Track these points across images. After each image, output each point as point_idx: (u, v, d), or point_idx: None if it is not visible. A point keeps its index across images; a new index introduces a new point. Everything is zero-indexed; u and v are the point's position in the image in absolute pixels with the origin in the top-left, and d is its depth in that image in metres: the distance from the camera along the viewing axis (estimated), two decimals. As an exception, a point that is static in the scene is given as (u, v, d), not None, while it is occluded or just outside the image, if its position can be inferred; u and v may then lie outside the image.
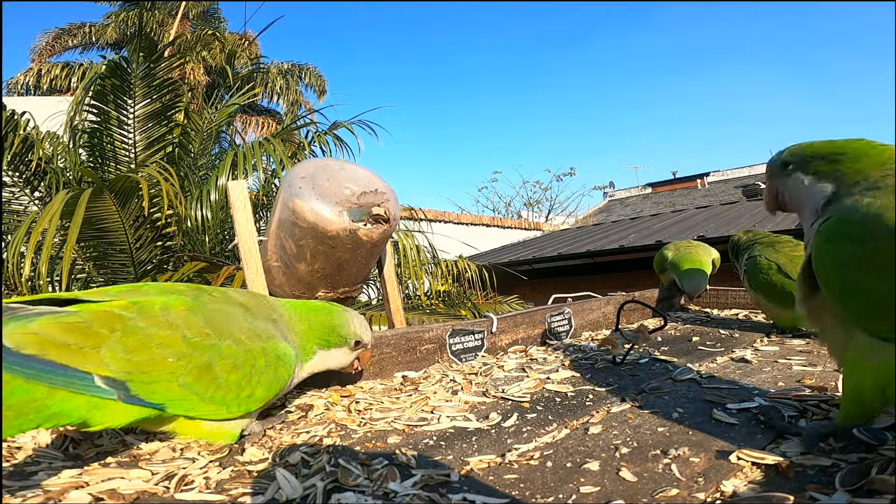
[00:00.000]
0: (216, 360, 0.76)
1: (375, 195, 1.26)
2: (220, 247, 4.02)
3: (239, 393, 0.78)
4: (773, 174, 0.89)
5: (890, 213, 0.64)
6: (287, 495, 0.62)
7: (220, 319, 0.80)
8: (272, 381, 0.82)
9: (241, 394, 0.78)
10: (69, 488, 0.64)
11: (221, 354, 0.77)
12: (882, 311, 0.62)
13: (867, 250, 0.64)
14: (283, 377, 0.84)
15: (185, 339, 0.74)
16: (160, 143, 4.28)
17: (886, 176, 0.70)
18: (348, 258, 1.29)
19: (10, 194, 3.99)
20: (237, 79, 6.04)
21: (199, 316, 0.78)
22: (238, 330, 0.81)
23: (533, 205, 18.66)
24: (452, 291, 4.90)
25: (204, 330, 0.76)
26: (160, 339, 0.72)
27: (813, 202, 0.79)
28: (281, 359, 0.84)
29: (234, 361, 0.78)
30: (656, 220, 9.08)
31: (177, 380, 0.72)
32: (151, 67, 3.97)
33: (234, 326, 0.81)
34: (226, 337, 0.78)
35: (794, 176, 0.84)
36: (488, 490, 0.63)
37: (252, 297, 0.93)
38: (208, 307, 0.81)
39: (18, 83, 12.48)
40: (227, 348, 0.77)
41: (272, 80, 12.90)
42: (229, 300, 0.87)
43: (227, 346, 0.78)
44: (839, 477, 0.59)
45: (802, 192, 0.82)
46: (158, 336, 0.72)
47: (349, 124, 4.54)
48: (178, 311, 0.76)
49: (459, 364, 1.32)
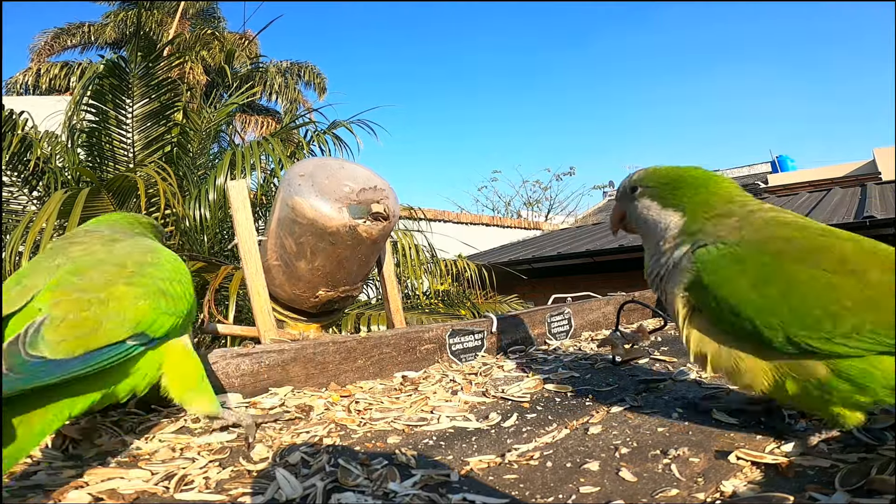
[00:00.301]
0: (163, 285, 0.78)
1: (375, 192, 1.26)
2: (218, 246, 4.02)
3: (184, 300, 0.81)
4: (621, 197, 0.95)
5: (761, 238, 0.74)
6: (287, 495, 0.62)
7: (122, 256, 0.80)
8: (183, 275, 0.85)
9: (183, 302, 0.81)
10: (69, 488, 0.64)
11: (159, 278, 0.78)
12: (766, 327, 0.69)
13: (748, 272, 0.72)
14: (183, 268, 0.87)
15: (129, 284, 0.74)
16: (159, 143, 4.28)
17: (738, 207, 0.81)
18: (348, 255, 1.29)
19: (8, 194, 3.99)
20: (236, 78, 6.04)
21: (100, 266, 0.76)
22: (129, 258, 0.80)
23: (532, 204, 18.65)
24: (452, 291, 4.90)
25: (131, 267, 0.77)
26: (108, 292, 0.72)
27: (661, 228, 0.86)
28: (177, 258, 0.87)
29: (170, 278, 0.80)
30: (655, 219, 9.07)
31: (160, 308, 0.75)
32: (150, 67, 3.96)
33: (130, 258, 0.80)
34: (147, 265, 0.79)
35: (642, 201, 0.89)
36: (488, 490, 0.63)
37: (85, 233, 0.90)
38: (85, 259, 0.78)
39: (17, 82, 12.45)
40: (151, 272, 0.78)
41: (271, 78, 12.88)
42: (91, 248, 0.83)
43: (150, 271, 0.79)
44: (839, 477, 0.59)
45: (650, 217, 0.88)
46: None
47: (348, 123, 4.54)
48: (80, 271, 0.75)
49: (459, 364, 1.32)
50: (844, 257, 0.70)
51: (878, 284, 0.66)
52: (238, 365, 1.03)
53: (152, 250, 0.84)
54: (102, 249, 0.80)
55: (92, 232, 0.90)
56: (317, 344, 1.13)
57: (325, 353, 1.13)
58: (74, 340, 0.63)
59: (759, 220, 0.78)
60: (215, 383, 1.01)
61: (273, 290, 1.40)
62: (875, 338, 0.64)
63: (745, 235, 0.76)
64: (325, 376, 1.13)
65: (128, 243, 0.85)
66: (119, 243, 0.84)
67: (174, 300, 0.78)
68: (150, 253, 0.83)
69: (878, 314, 0.64)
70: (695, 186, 0.84)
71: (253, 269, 1.34)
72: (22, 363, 0.58)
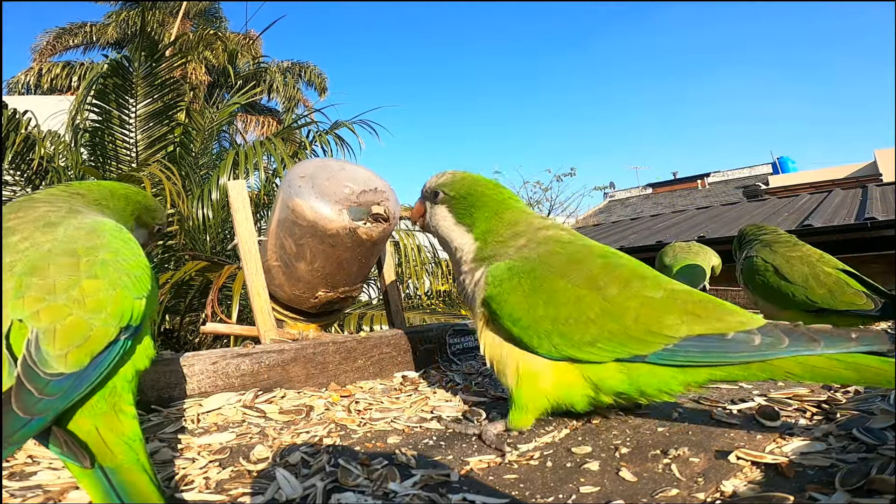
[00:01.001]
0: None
1: (375, 194, 1.26)
2: (220, 245, 4.02)
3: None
4: (423, 195, 1.01)
5: (536, 255, 0.83)
6: (287, 495, 0.62)
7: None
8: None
9: (144, 278, 0.75)
10: (69, 488, 0.64)
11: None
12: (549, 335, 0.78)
13: (522, 286, 0.81)
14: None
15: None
16: (162, 143, 4.29)
17: (523, 227, 0.89)
18: (348, 257, 1.29)
19: (11, 193, 3.99)
20: (238, 78, 6.06)
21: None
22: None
23: (533, 205, 18.63)
24: (452, 291, 4.90)
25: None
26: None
27: (456, 246, 0.94)
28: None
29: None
30: (656, 220, 9.08)
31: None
32: (153, 67, 3.98)
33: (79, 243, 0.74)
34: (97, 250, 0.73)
35: (439, 210, 0.96)
36: (488, 490, 0.63)
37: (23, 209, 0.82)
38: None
39: (19, 82, 12.48)
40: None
41: (273, 78, 12.89)
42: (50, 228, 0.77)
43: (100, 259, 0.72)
44: (839, 477, 0.59)
45: (444, 228, 0.96)
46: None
47: (350, 124, 4.55)
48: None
49: (459, 364, 1.32)
50: (592, 273, 0.79)
51: (614, 299, 0.76)
52: (238, 365, 1.03)
53: (93, 229, 0.78)
54: (43, 238, 0.74)
55: (19, 206, 0.82)
56: (317, 344, 1.14)
57: (325, 353, 1.14)
58: (77, 350, 0.61)
59: (541, 237, 0.87)
60: (216, 383, 1.01)
61: (273, 291, 1.40)
62: (609, 346, 0.75)
63: (526, 254, 0.85)
64: (325, 376, 1.13)
65: (65, 224, 0.78)
66: (57, 227, 0.77)
67: (137, 280, 0.73)
68: (94, 233, 0.77)
69: (613, 324, 0.75)
70: (488, 210, 0.92)
71: (253, 270, 1.34)
72: (46, 384, 0.57)
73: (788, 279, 1.47)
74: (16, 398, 0.54)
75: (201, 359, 1.01)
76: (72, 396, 0.58)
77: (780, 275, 1.49)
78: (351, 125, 4.54)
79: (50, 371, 0.57)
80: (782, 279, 1.48)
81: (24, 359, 0.58)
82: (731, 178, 17.38)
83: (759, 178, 16.01)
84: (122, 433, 0.60)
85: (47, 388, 0.56)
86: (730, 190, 15.32)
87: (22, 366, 0.57)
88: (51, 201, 0.85)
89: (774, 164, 17.39)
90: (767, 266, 1.54)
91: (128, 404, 0.64)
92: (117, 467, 0.56)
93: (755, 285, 1.57)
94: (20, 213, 0.79)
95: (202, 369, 1.00)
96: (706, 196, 15.12)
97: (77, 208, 0.86)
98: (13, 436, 0.52)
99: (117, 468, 0.55)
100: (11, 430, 0.52)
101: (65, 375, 0.58)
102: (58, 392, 0.56)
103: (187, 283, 3.36)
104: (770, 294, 1.52)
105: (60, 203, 0.86)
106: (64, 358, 0.59)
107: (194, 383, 0.99)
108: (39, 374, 0.57)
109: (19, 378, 0.56)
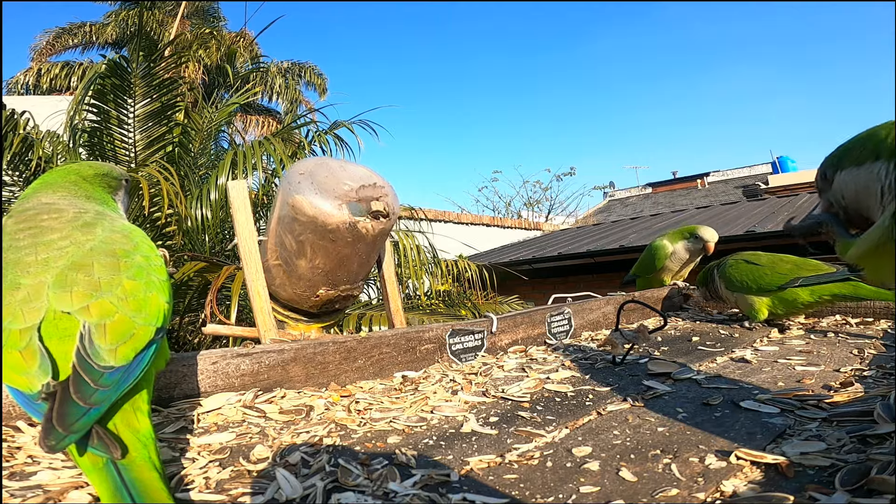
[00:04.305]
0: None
1: (374, 189, 1.26)
2: (219, 246, 4.02)
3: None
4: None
5: None
6: (287, 495, 0.62)
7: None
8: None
9: (166, 284, 0.78)
10: (69, 488, 0.64)
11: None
12: None
13: None
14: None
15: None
16: (160, 143, 4.28)
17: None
18: (348, 253, 1.29)
19: (9, 193, 3.99)
20: (237, 78, 6.05)
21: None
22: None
23: (533, 204, 18.66)
24: (452, 291, 4.90)
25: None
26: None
27: None
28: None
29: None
30: (656, 219, 9.08)
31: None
32: (151, 67, 3.97)
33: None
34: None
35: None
36: (488, 490, 0.63)
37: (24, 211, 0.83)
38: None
39: (18, 82, 12.46)
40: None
41: (272, 78, 12.88)
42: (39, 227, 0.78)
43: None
44: (839, 477, 0.59)
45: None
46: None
47: (350, 124, 4.54)
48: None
49: (459, 364, 1.32)
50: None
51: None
52: (238, 365, 1.03)
53: (127, 233, 0.82)
54: (84, 237, 0.77)
55: (48, 208, 0.85)
56: (317, 344, 1.13)
57: (325, 353, 1.14)
58: (124, 346, 0.64)
59: None
60: (215, 383, 1.01)
61: (273, 290, 1.40)
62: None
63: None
64: (326, 376, 1.13)
65: (101, 226, 0.81)
66: (95, 227, 0.80)
67: (163, 284, 0.77)
68: (127, 237, 0.81)
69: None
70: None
71: (253, 270, 1.34)
72: (101, 375, 0.60)
73: (756, 263, 1.66)
74: (75, 388, 0.58)
75: (201, 359, 1.00)
76: (121, 389, 0.62)
77: (749, 262, 1.69)
78: (350, 125, 4.54)
79: (103, 364, 0.61)
80: (751, 265, 1.67)
81: (79, 350, 0.61)
82: (730, 177, 17.38)
83: (758, 177, 16.01)
84: (137, 431, 0.62)
85: (101, 379, 0.60)
86: (729, 189, 15.32)
87: (77, 357, 0.61)
88: (76, 204, 0.88)
89: (774, 164, 17.39)
90: (738, 260, 1.74)
91: (145, 403, 0.67)
92: (130, 464, 0.57)
93: (730, 282, 1.72)
94: (53, 214, 0.82)
95: (202, 369, 1.00)
96: (706, 195, 15.13)
97: (98, 209, 0.90)
98: (74, 424, 0.55)
99: (130, 465, 0.57)
100: (73, 418, 0.56)
101: (115, 368, 0.61)
102: (110, 384, 0.61)
103: (186, 284, 3.35)
104: (743, 283, 1.68)
105: (83, 203, 0.89)
106: (114, 352, 0.63)
107: (194, 383, 0.99)
108: (94, 366, 0.60)
109: (76, 369, 0.60)
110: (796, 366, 1.17)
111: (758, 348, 1.38)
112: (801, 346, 1.37)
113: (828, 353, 1.29)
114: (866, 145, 0.80)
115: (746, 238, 5.24)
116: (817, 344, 1.39)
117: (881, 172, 0.77)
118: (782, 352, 1.32)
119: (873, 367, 1.11)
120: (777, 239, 5.09)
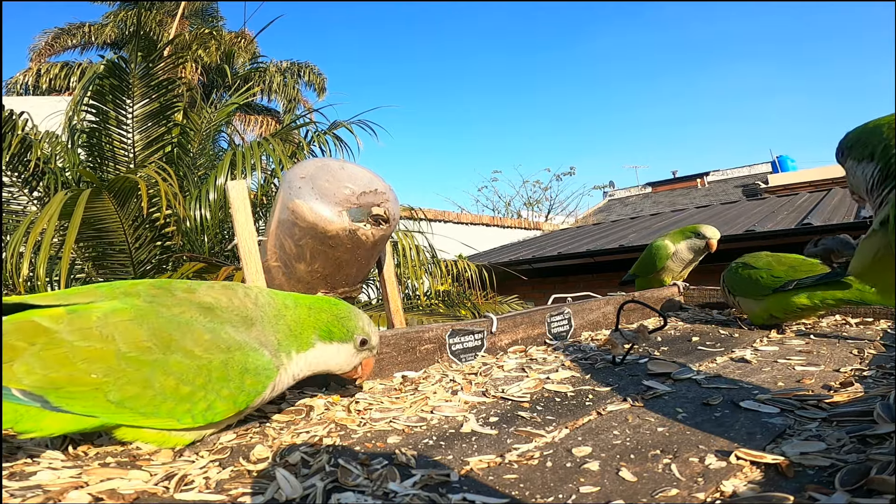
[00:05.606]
0: (157, 376, 0.71)
1: (375, 195, 1.26)
2: (218, 246, 4.02)
3: (192, 406, 0.74)
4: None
5: None
6: (287, 495, 0.62)
7: (171, 329, 0.74)
8: (236, 394, 0.77)
9: (196, 407, 0.74)
10: (69, 488, 0.64)
11: (166, 370, 0.72)
12: None
13: None
14: (252, 388, 0.79)
15: (117, 354, 0.70)
16: (159, 143, 4.28)
17: None
18: (348, 258, 1.29)
19: (8, 194, 3.99)
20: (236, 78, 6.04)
21: (143, 326, 0.73)
22: (192, 342, 0.75)
23: (533, 204, 18.65)
24: (452, 291, 4.90)
25: (144, 343, 0.72)
26: (85, 353, 0.68)
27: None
28: (248, 371, 0.78)
29: (180, 377, 0.73)
30: (656, 219, 9.08)
31: (105, 396, 0.69)
32: (150, 67, 3.97)
33: (188, 337, 0.75)
34: (174, 350, 0.73)
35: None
36: (488, 490, 0.63)
37: (226, 294, 0.85)
38: (162, 314, 0.75)
39: (17, 83, 12.45)
40: (174, 363, 0.72)
41: (271, 78, 12.87)
42: (193, 303, 0.80)
43: (175, 361, 0.72)
44: (839, 477, 0.59)
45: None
46: (83, 350, 0.68)
47: (349, 124, 4.54)
48: (119, 320, 0.71)
49: (459, 364, 1.32)
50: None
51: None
52: (238, 365, 1.03)
53: (225, 347, 0.80)
54: (189, 315, 0.80)
55: (227, 295, 0.86)
56: (317, 344, 1.13)
57: (326, 353, 1.13)
58: None
59: None
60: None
61: (273, 291, 1.40)
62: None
63: None
64: (325, 376, 1.13)
65: (219, 326, 0.81)
66: (212, 323, 0.80)
67: (162, 401, 0.77)
68: (217, 348, 0.80)
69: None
70: None
71: (253, 270, 1.34)
72: None
73: (754, 266, 1.67)
74: None
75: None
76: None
77: (748, 265, 1.70)
78: (349, 125, 4.54)
79: None
80: (749, 268, 1.68)
81: None
82: (730, 176, 17.40)
83: (758, 176, 16.03)
84: None
85: None
86: (729, 189, 15.34)
87: None
88: (249, 315, 0.85)
89: (774, 163, 17.41)
90: (738, 264, 1.75)
91: None
92: None
93: (732, 286, 1.74)
94: (220, 296, 0.84)
95: (201, 370, 1.00)
96: (706, 195, 15.14)
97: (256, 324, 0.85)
98: None
99: None
100: None
101: None
102: None
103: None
104: (743, 286, 1.68)
105: (255, 314, 0.85)
106: None
107: (194, 384, 0.99)
108: None
109: None
110: (796, 366, 1.17)
111: (758, 348, 1.38)
112: (801, 346, 1.37)
113: (828, 353, 1.29)
114: (869, 141, 0.80)
115: (746, 237, 5.24)
116: (817, 344, 1.39)
117: (867, 174, 0.77)
118: (782, 352, 1.32)
119: (873, 367, 1.11)
120: (777, 239, 5.10)
